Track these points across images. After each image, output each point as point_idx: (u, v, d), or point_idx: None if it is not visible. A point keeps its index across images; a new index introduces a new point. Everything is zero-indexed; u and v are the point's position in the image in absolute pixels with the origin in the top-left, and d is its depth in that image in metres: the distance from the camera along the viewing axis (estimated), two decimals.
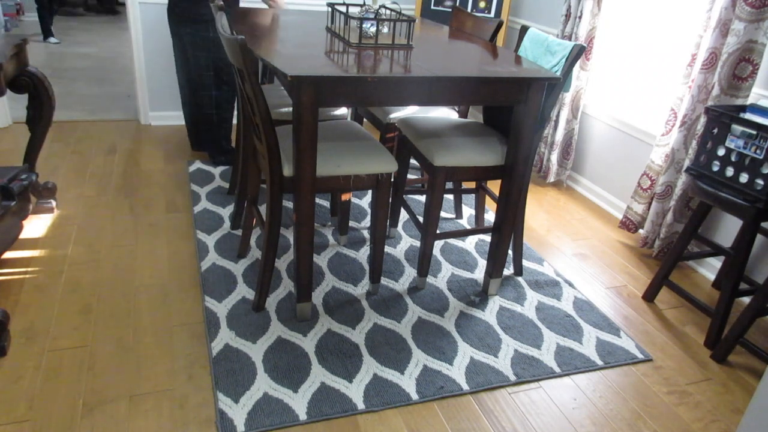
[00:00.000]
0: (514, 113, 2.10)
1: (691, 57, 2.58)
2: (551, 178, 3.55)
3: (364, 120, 3.85)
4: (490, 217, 3.08)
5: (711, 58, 2.47)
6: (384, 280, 2.43)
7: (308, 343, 2.02)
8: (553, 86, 2.17)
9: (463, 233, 2.40)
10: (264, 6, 3.96)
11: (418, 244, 2.76)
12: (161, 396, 1.76)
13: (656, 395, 1.95)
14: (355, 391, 1.83)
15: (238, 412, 1.71)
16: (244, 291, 2.28)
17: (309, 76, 1.72)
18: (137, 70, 3.86)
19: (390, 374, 1.91)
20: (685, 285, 2.64)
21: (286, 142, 2.04)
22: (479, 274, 2.55)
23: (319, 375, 1.88)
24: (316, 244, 2.66)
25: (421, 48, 2.24)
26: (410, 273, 2.51)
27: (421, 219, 2.90)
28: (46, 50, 5.78)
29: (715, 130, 2.14)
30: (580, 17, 3.21)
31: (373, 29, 2.24)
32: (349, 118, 2.62)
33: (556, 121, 3.49)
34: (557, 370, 2.01)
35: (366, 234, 2.79)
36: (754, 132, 2.00)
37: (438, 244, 2.76)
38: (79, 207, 2.81)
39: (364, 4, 2.43)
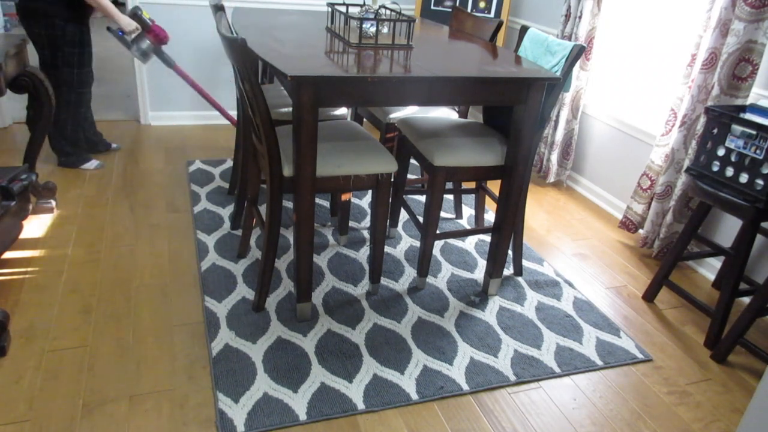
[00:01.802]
0: (514, 113, 2.10)
1: (691, 57, 2.58)
2: (551, 178, 3.55)
3: (364, 120, 3.85)
4: (490, 217, 3.08)
5: (711, 58, 2.47)
6: (384, 280, 2.43)
7: (308, 343, 2.02)
8: (553, 86, 2.17)
9: (463, 233, 2.40)
10: (264, 6, 3.96)
11: (418, 244, 2.76)
12: (161, 396, 1.76)
13: (656, 395, 1.95)
14: (355, 391, 1.83)
15: (238, 412, 1.71)
16: (244, 291, 2.28)
17: (309, 76, 1.72)
18: (137, 70, 3.87)
19: (390, 374, 1.92)
20: (685, 285, 2.64)
21: (286, 142, 2.04)
22: (479, 274, 2.55)
23: (319, 375, 1.88)
24: (316, 244, 2.66)
25: (421, 48, 2.24)
26: (410, 273, 2.51)
27: (421, 219, 2.90)
28: None
29: (715, 130, 2.14)
30: (580, 17, 3.21)
31: (373, 29, 2.24)
32: (349, 118, 2.62)
33: (556, 121, 3.49)
34: (557, 370, 2.01)
35: (366, 234, 2.79)
36: (754, 132, 2.00)
37: (438, 244, 2.76)
38: (79, 207, 2.81)
39: (364, 4, 2.43)
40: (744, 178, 2.04)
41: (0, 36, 2.49)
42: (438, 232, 2.46)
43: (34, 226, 2.62)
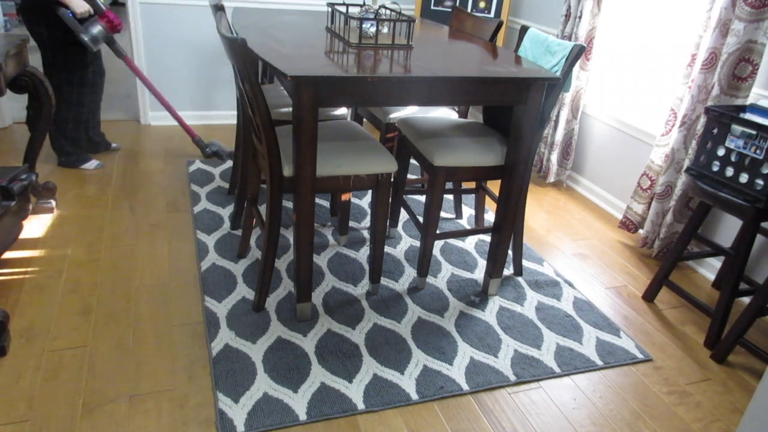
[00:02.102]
0: (514, 113, 2.10)
1: (691, 57, 2.58)
2: (551, 178, 3.55)
3: (364, 120, 3.85)
4: (490, 217, 3.08)
5: (711, 58, 2.47)
6: (384, 280, 2.43)
7: (308, 343, 2.02)
8: (553, 86, 2.17)
9: (463, 233, 2.40)
10: (264, 6, 3.96)
11: (418, 244, 2.76)
12: (161, 396, 1.76)
13: (656, 395, 1.95)
14: (355, 391, 1.83)
15: (238, 412, 1.71)
16: (244, 291, 2.28)
17: (309, 76, 1.72)
18: None
19: (390, 374, 1.92)
20: (685, 285, 2.64)
21: (286, 142, 2.04)
22: (479, 274, 2.55)
23: (319, 375, 1.88)
24: (316, 244, 2.66)
25: (421, 48, 2.24)
26: (410, 273, 2.51)
27: (421, 219, 2.90)
28: None
29: (715, 130, 2.14)
30: (580, 17, 3.21)
31: (373, 29, 2.24)
32: (349, 118, 2.62)
33: (556, 121, 3.49)
34: (557, 370, 2.01)
35: (366, 234, 2.79)
36: (754, 132, 2.00)
37: (438, 244, 2.76)
38: (79, 207, 2.81)
39: (364, 4, 2.43)
40: (744, 178, 2.04)
41: (0, 36, 2.49)
42: (438, 232, 2.46)
43: (34, 226, 2.62)
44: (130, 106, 4.30)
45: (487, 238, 2.88)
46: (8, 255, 2.38)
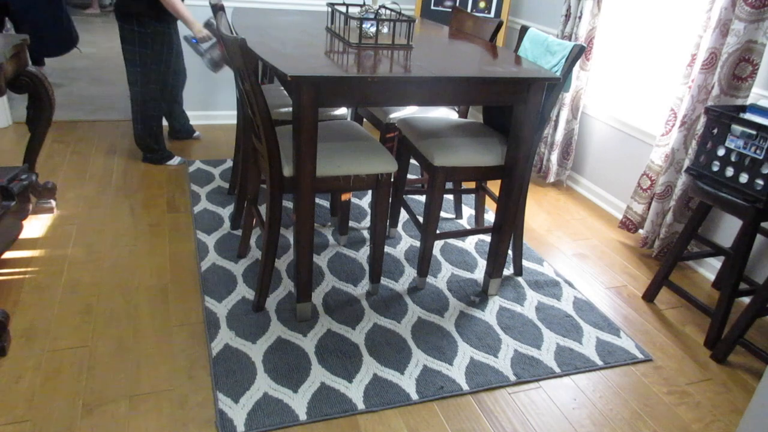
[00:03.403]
0: (514, 113, 2.10)
1: (691, 57, 2.58)
2: (551, 178, 3.55)
3: (364, 120, 3.85)
4: (490, 217, 3.08)
5: (711, 58, 2.47)
6: (384, 280, 2.43)
7: (308, 343, 2.02)
8: (553, 86, 2.17)
9: (463, 233, 2.40)
10: (264, 6, 3.96)
11: (418, 244, 2.76)
12: (161, 396, 1.76)
13: (656, 395, 1.95)
14: (355, 391, 1.83)
15: (238, 412, 1.71)
16: (244, 291, 2.28)
17: (309, 76, 1.72)
18: None
19: (390, 374, 1.92)
20: (685, 285, 2.64)
21: (286, 142, 2.04)
22: (479, 274, 2.55)
23: (319, 375, 1.88)
24: (316, 244, 2.66)
25: (421, 48, 2.24)
26: (410, 273, 2.51)
27: (421, 219, 2.90)
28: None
29: (715, 130, 2.14)
30: (580, 17, 3.21)
31: (373, 29, 2.24)
32: (349, 118, 2.62)
33: (556, 121, 3.49)
34: (557, 370, 2.01)
35: (366, 234, 2.79)
36: (754, 132, 2.00)
37: (438, 244, 2.76)
38: (79, 207, 2.81)
39: (364, 4, 2.43)
40: (744, 178, 2.04)
41: (0, 36, 2.48)
42: (438, 232, 2.46)
43: (34, 226, 2.62)
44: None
45: (487, 238, 2.88)
46: (8, 255, 2.38)
